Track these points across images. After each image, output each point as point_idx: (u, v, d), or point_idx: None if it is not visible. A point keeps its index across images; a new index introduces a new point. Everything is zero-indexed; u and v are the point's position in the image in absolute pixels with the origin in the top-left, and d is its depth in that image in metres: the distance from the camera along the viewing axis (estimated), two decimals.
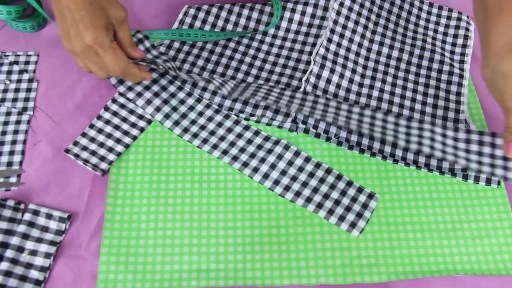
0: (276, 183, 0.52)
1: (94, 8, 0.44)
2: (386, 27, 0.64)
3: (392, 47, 0.63)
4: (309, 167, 0.53)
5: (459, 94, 0.59)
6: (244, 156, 0.53)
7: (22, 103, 0.55)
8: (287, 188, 0.52)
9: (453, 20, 0.66)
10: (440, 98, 0.59)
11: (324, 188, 0.52)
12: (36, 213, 0.48)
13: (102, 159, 0.52)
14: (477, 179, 0.54)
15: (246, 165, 0.53)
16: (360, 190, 0.52)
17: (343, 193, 0.52)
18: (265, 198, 0.51)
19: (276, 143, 0.54)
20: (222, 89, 0.53)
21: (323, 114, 0.51)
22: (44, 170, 0.51)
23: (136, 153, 0.53)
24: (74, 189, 0.51)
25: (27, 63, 0.58)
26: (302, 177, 0.52)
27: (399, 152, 0.55)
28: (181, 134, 0.54)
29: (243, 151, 0.54)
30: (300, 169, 0.53)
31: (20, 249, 0.46)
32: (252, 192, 0.52)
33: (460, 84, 0.60)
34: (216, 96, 0.57)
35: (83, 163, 0.51)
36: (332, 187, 0.52)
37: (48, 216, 0.48)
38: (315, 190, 0.52)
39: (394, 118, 0.51)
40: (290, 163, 0.53)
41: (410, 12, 0.66)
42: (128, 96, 0.54)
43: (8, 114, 0.54)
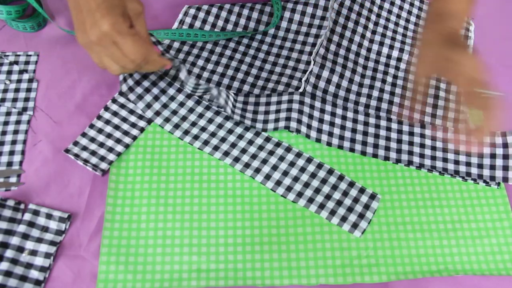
0: (278, 183, 0.52)
1: None
2: (386, 27, 0.64)
3: (392, 47, 0.63)
4: (311, 168, 0.53)
5: (459, 94, 0.59)
6: (246, 157, 0.53)
7: (22, 103, 0.55)
8: (289, 188, 0.52)
9: None
10: (440, 98, 0.59)
11: (326, 189, 0.52)
12: (36, 213, 0.48)
13: (102, 159, 0.52)
14: (479, 177, 0.54)
15: (247, 166, 0.53)
16: (362, 191, 0.52)
17: (345, 193, 0.52)
18: (265, 198, 0.51)
19: (277, 145, 0.54)
20: (226, 108, 0.53)
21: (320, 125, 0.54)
22: (44, 170, 0.51)
23: (136, 153, 0.53)
24: (74, 189, 0.51)
25: (27, 63, 0.58)
26: (304, 177, 0.52)
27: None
28: (181, 137, 0.54)
29: (244, 152, 0.54)
30: (302, 169, 0.53)
31: (20, 249, 0.46)
32: (252, 192, 0.52)
33: None
34: None
35: (83, 163, 0.51)
36: (334, 187, 0.52)
37: (48, 216, 0.48)
38: (317, 191, 0.52)
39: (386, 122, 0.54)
40: (292, 164, 0.53)
41: (410, 12, 0.66)
42: (129, 97, 0.54)
43: (8, 114, 0.54)
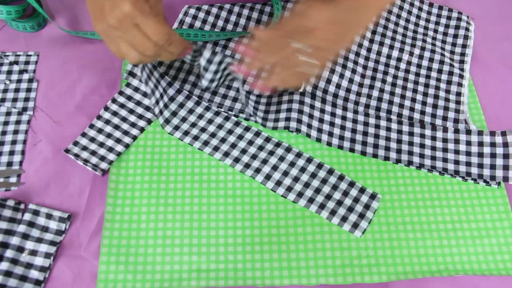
0: (278, 184, 0.52)
1: None
2: (386, 27, 0.64)
3: (392, 47, 0.63)
4: (311, 168, 0.53)
5: (459, 94, 0.59)
6: (246, 157, 0.53)
7: (22, 103, 0.55)
8: (289, 189, 0.52)
9: (453, 20, 0.66)
10: (440, 98, 0.59)
11: (326, 189, 0.52)
12: (36, 213, 0.48)
13: (102, 159, 0.52)
14: (480, 177, 0.54)
15: (248, 166, 0.53)
16: (362, 191, 0.52)
17: (345, 193, 0.52)
18: (265, 198, 0.51)
19: (277, 145, 0.54)
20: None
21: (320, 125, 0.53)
22: (44, 170, 0.51)
23: (136, 153, 0.53)
24: (74, 189, 0.51)
25: (27, 63, 0.58)
26: (304, 177, 0.52)
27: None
28: (181, 138, 0.54)
29: (244, 152, 0.53)
30: (302, 169, 0.53)
31: (20, 249, 0.46)
32: (252, 192, 0.52)
33: (460, 84, 0.60)
34: (216, 96, 0.57)
35: (83, 163, 0.51)
36: (334, 187, 0.52)
37: (48, 216, 0.48)
38: (317, 191, 0.52)
39: (385, 122, 0.53)
40: (292, 164, 0.53)
41: (410, 12, 0.66)
42: (146, 90, 0.54)
43: (8, 114, 0.54)
